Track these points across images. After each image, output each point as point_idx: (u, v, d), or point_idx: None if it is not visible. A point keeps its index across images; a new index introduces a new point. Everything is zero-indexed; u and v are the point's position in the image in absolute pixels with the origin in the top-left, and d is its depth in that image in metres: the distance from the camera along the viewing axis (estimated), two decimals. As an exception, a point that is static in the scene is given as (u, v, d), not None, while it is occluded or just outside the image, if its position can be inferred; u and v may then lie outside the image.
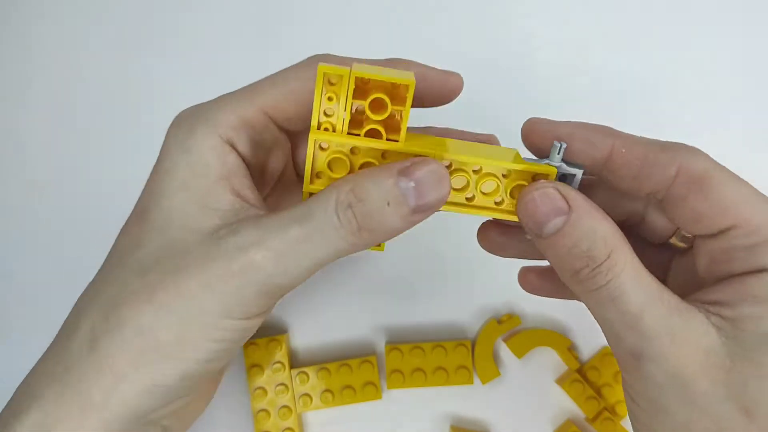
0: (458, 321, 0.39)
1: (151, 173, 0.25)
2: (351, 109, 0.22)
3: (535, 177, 0.23)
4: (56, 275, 0.40)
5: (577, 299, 0.30)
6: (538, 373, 0.38)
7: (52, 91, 0.41)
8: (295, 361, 0.39)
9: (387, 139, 0.22)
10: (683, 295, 0.22)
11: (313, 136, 0.22)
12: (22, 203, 0.40)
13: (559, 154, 0.23)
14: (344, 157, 0.22)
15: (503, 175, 0.23)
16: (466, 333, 0.38)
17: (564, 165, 0.23)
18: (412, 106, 0.22)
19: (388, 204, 0.21)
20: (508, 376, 0.38)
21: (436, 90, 0.25)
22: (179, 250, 0.22)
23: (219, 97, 0.25)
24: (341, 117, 0.22)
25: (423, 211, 0.22)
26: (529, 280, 0.30)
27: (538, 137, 0.24)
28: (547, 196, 0.22)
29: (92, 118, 0.40)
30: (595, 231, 0.21)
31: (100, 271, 0.25)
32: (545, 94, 0.39)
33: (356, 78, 0.21)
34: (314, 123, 0.22)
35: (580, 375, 0.37)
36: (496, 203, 0.24)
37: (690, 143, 0.39)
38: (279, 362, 0.37)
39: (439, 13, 0.40)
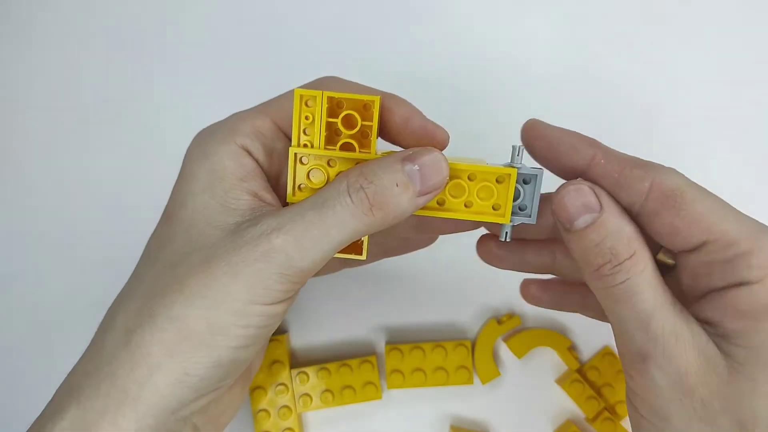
0: (458, 321, 0.39)
1: (176, 181, 0.26)
2: (325, 126, 0.24)
3: (498, 179, 0.25)
4: (56, 275, 0.40)
5: (575, 311, 0.31)
6: (538, 373, 0.38)
7: (53, 91, 0.41)
8: (295, 361, 0.39)
9: (360, 152, 0.25)
10: None
11: (293, 150, 0.25)
12: (22, 204, 0.40)
13: (518, 155, 0.25)
14: (322, 169, 0.25)
15: (469, 178, 0.25)
16: (466, 333, 0.38)
17: (525, 166, 0.25)
18: (395, 142, 0.26)
19: (397, 185, 0.23)
20: (508, 376, 0.38)
21: (417, 137, 0.27)
22: (205, 244, 0.24)
23: (233, 114, 0.27)
24: (318, 134, 0.24)
25: (427, 192, 0.23)
26: (531, 292, 0.32)
27: (531, 136, 0.26)
28: (582, 192, 0.23)
29: (93, 119, 0.40)
30: (622, 231, 0.23)
31: (132, 274, 0.26)
32: (545, 95, 0.39)
33: (328, 98, 0.24)
34: (294, 140, 0.25)
35: (580, 375, 0.37)
36: (466, 206, 0.25)
37: (689, 145, 0.39)
38: (279, 362, 0.37)
39: (439, 14, 0.40)
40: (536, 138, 0.26)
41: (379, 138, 0.28)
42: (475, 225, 0.30)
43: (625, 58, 0.39)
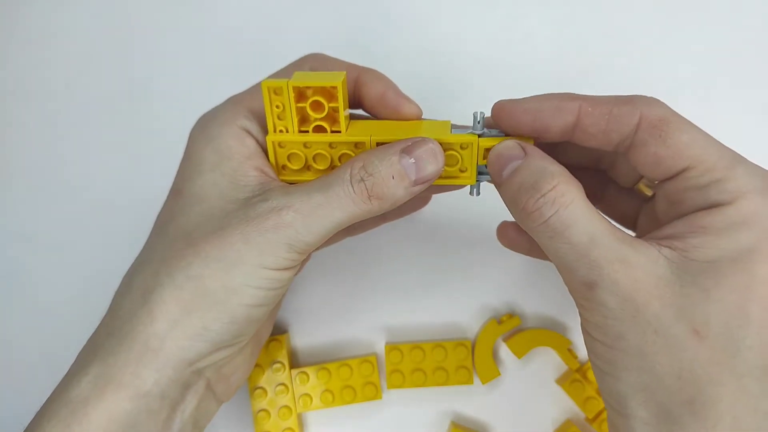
0: (458, 321, 0.39)
1: (181, 162, 0.28)
2: (296, 111, 0.26)
3: (462, 145, 0.26)
4: (56, 275, 0.40)
5: (545, 258, 0.31)
6: (538, 373, 0.38)
7: (53, 91, 0.41)
8: (295, 361, 0.39)
9: (332, 131, 0.26)
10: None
11: (270, 138, 0.27)
12: (21, 203, 0.40)
13: (479, 122, 0.26)
14: (299, 152, 0.27)
15: None
16: (466, 333, 0.38)
17: (486, 131, 0.27)
18: (373, 114, 0.28)
19: (393, 177, 0.25)
20: (508, 376, 0.38)
21: (390, 111, 0.29)
22: (217, 215, 0.26)
23: (229, 98, 0.29)
24: (290, 119, 0.26)
25: (422, 182, 0.25)
26: (507, 234, 0.32)
27: (507, 116, 0.26)
28: (507, 147, 0.26)
29: (92, 118, 0.40)
30: (545, 168, 0.24)
31: (144, 246, 0.28)
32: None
33: (294, 87, 0.25)
34: (270, 127, 0.26)
35: (580, 375, 0.37)
36: None
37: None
38: (279, 362, 0.37)
39: (440, 12, 0.40)
40: (515, 116, 0.26)
41: (360, 109, 0.30)
42: (459, 186, 0.31)
43: (627, 54, 0.39)
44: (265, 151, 0.28)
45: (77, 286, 0.39)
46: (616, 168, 0.29)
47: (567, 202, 0.23)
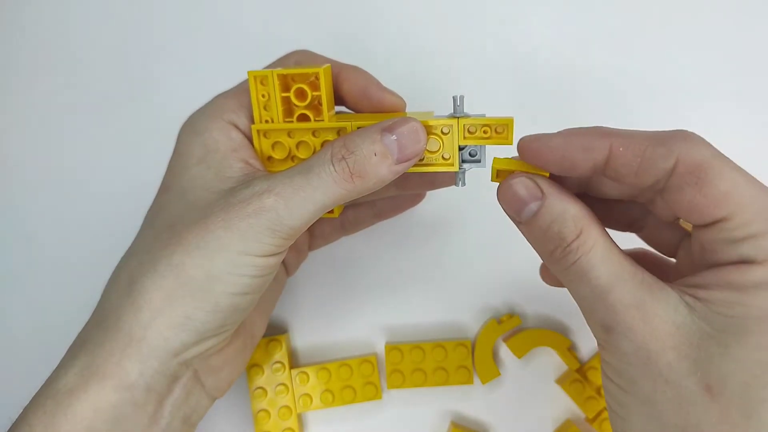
0: (458, 321, 0.39)
1: (170, 159, 0.28)
2: (281, 101, 0.27)
3: (443, 130, 0.26)
4: (56, 276, 0.40)
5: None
6: (538, 373, 0.38)
7: (52, 92, 0.41)
8: (295, 361, 0.39)
9: (315, 121, 0.27)
10: (683, 276, 0.24)
11: (255, 128, 0.27)
12: (18, 204, 0.40)
13: (459, 105, 0.26)
14: (283, 141, 0.27)
15: None
16: (466, 333, 0.38)
17: (468, 115, 0.27)
18: (356, 111, 0.29)
19: (375, 154, 0.24)
20: (508, 376, 0.38)
21: (373, 105, 0.29)
22: (201, 205, 0.26)
23: (218, 95, 0.29)
24: (276, 109, 0.27)
25: (404, 161, 0.25)
26: (549, 273, 0.31)
27: (532, 155, 0.25)
28: (523, 185, 0.25)
29: (89, 120, 0.40)
30: (566, 212, 0.24)
31: (133, 240, 0.28)
32: (545, 94, 0.39)
33: (278, 75, 0.26)
34: (256, 118, 0.27)
35: (580, 375, 0.37)
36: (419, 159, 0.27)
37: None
38: (279, 362, 0.37)
39: (439, 12, 0.40)
40: (540, 155, 0.24)
41: (342, 106, 0.30)
42: (453, 181, 0.31)
43: (625, 55, 0.39)
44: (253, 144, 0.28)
45: (76, 283, 0.39)
46: (655, 204, 0.27)
47: (588, 248, 0.23)
